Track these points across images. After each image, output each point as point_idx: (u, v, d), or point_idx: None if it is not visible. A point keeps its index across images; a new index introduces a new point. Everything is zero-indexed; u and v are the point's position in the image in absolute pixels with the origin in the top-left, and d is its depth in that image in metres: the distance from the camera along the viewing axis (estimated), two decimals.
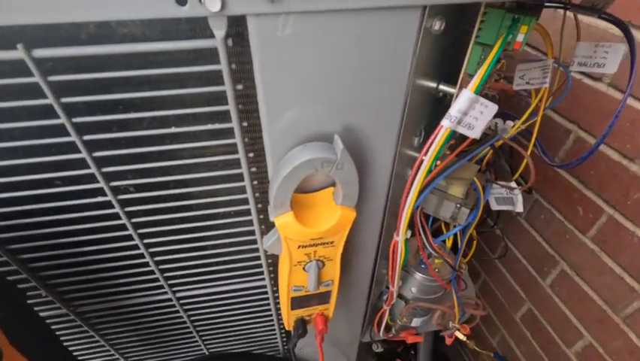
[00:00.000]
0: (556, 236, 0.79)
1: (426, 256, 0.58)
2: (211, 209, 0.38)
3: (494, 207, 0.56)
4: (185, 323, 0.52)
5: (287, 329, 0.45)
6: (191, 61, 0.28)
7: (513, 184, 0.54)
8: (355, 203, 0.34)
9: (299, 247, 0.35)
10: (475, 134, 0.35)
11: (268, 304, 0.52)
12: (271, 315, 0.54)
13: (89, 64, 0.27)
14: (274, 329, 0.58)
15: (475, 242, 0.67)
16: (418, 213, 0.55)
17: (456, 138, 0.44)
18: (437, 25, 0.29)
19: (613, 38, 0.58)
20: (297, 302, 0.42)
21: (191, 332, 0.54)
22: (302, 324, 0.45)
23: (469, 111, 0.34)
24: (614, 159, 0.63)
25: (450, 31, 0.34)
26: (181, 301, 0.48)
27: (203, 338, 0.57)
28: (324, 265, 0.38)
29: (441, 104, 0.41)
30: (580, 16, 0.52)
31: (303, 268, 0.38)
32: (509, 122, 0.52)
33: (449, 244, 0.62)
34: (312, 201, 0.35)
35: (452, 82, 0.38)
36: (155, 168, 0.33)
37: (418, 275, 0.59)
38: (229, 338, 0.58)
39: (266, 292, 0.49)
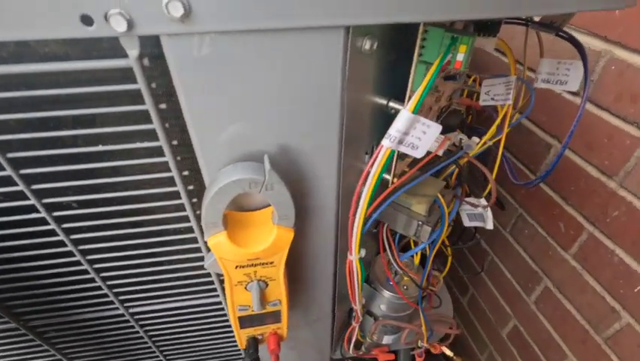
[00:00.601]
0: (540, 252, 0.77)
1: (391, 275, 0.57)
2: (153, 226, 0.37)
3: (467, 223, 0.54)
4: (143, 338, 0.51)
5: (240, 347, 0.44)
6: (118, 79, 0.28)
7: (483, 201, 0.53)
8: (293, 223, 0.33)
9: (236, 267, 0.34)
10: (419, 154, 0.34)
11: (227, 320, 0.51)
12: (232, 331, 0.53)
13: (13, 82, 0.27)
14: (237, 345, 0.57)
15: (449, 258, 0.65)
16: (384, 229, 0.54)
17: None
18: (368, 45, 0.28)
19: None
20: (245, 321, 0.41)
21: (150, 347, 0.53)
22: (254, 343, 0.44)
23: (411, 131, 0.33)
24: (593, 175, 0.62)
25: (391, 49, 0.34)
26: (135, 317, 0.47)
27: (165, 354, 0.56)
28: (267, 285, 0.37)
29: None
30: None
31: (245, 288, 0.37)
32: (475, 138, 0.50)
33: (417, 260, 0.60)
34: (250, 220, 0.34)
35: (403, 99, 0.37)
36: (90, 185, 0.33)
37: (386, 293, 0.58)
38: (192, 355, 0.57)
39: (222, 308, 0.49)
